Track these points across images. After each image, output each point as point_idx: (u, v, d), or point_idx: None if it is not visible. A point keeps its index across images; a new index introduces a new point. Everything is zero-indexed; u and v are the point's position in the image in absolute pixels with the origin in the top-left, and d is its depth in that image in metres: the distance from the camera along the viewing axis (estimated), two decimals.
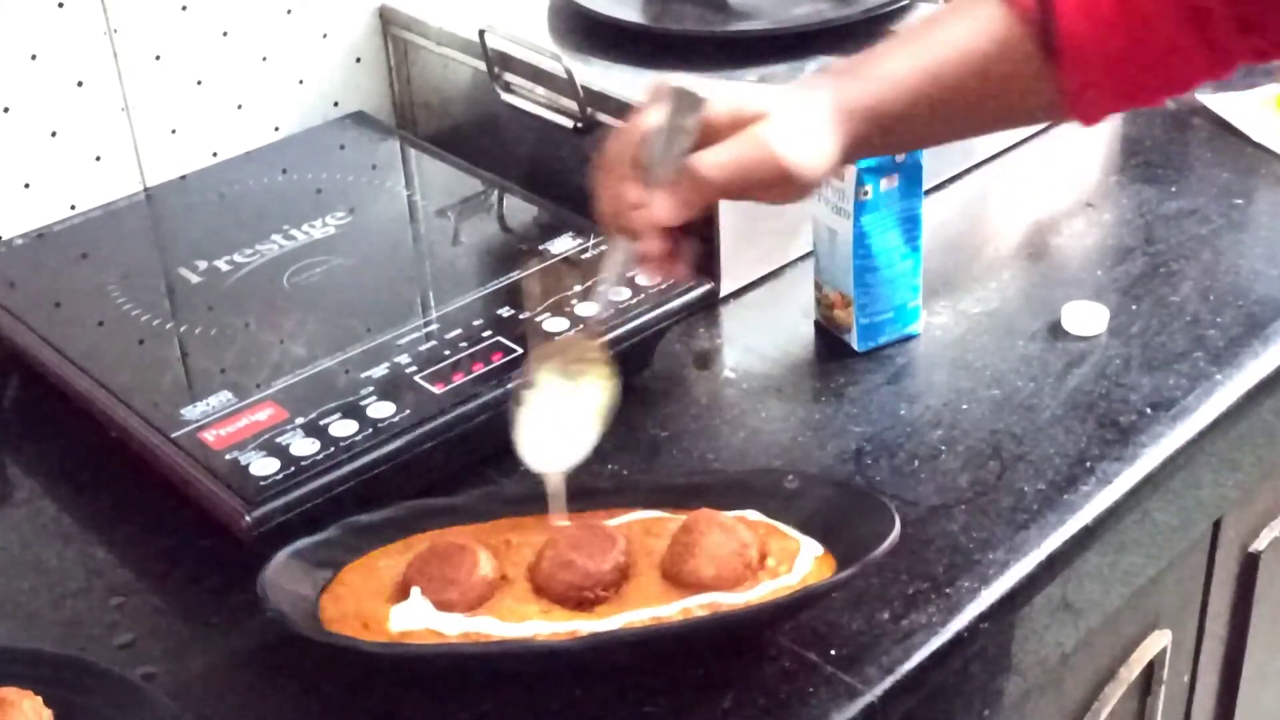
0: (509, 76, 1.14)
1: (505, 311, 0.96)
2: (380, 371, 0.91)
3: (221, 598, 0.84)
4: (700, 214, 0.78)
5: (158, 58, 1.15)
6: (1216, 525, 1.11)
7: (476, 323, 0.95)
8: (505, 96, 1.14)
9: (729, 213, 1.06)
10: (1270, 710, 1.34)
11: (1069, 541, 0.87)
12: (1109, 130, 1.30)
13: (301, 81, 1.23)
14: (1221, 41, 0.79)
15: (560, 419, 0.81)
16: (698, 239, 1.07)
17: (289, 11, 1.20)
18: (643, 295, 0.97)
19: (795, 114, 0.78)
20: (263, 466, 0.84)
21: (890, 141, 0.84)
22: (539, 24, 1.18)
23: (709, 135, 0.77)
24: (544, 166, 1.14)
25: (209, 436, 0.86)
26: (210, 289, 1.02)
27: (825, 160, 0.79)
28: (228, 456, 0.85)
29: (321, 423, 0.87)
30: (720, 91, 0.78)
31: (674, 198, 0.77)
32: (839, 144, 0.79)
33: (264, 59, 1.20)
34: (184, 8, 1.15)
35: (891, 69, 0.80)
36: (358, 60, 1.25)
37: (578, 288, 0.98)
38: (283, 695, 0.79)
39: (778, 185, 0.77)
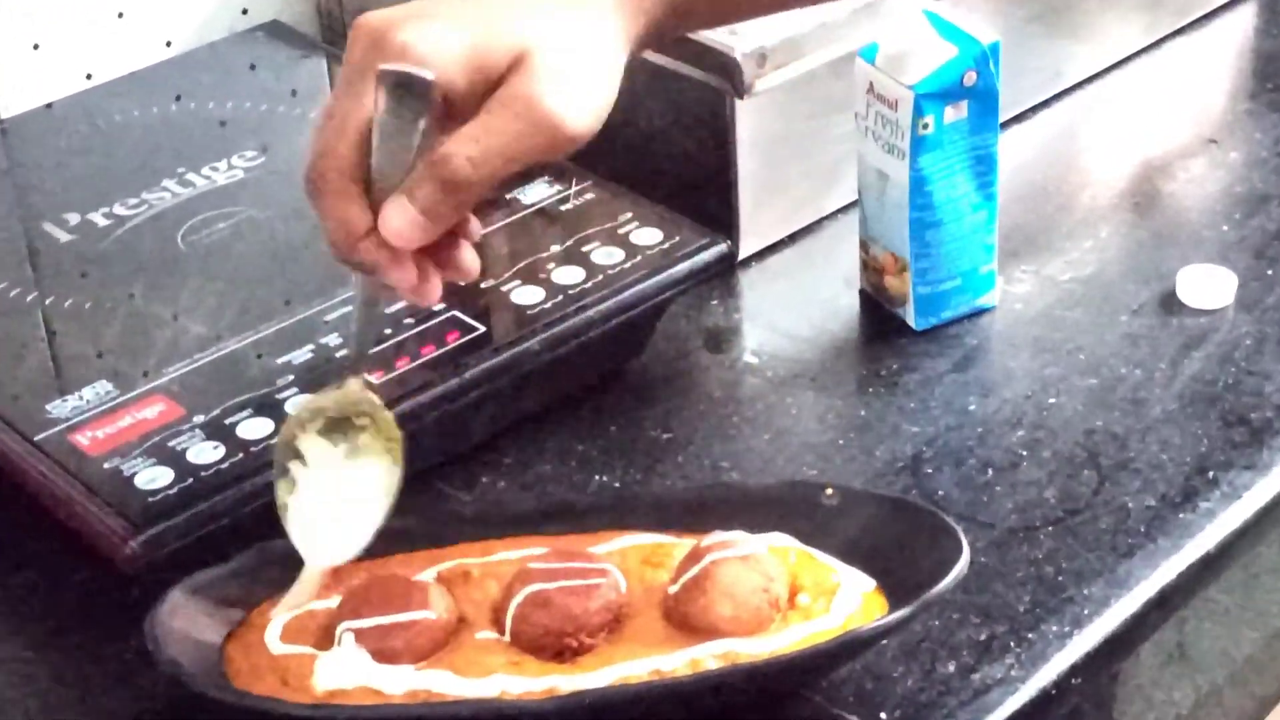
0: None
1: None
2: (302, 356, 0.91)
3: (100, 647, 0.84)
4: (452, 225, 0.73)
5: None
6: None
7: None
8: None
9: (749, 153, 1.07)
10: None
11: (1185, 573, 0.87)
12: (1237, 45, 1.30)
13: None
14: None
15: (337, 501, 0.79)
16: (704, 184, 1.08)
17: None
18: (639, 258, 0.97)
19: (568, 39, 0.73)
20: (152, 477, 0.84)
21: (686, 24, 0.80)
22: None
23: (450, 105, 0.72)
24: None
25: (83, 439, 0.86)
26: (84, 249, 1.02)
27: (612, 95, 0.74)
28: (107, 465, 0.85)
29: (227, 422, 0.87)
30: (449, 35, 0.71)
31: (418, 210, 0.72)
32: (625, 56, 0.75)
33: None
34: None
35: None
36: None
37: (556, 248, 0.98)
38: None
39: (556, 153, 0.73)
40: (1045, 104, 1.24)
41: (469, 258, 0.78)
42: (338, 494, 0.79)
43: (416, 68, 0.71)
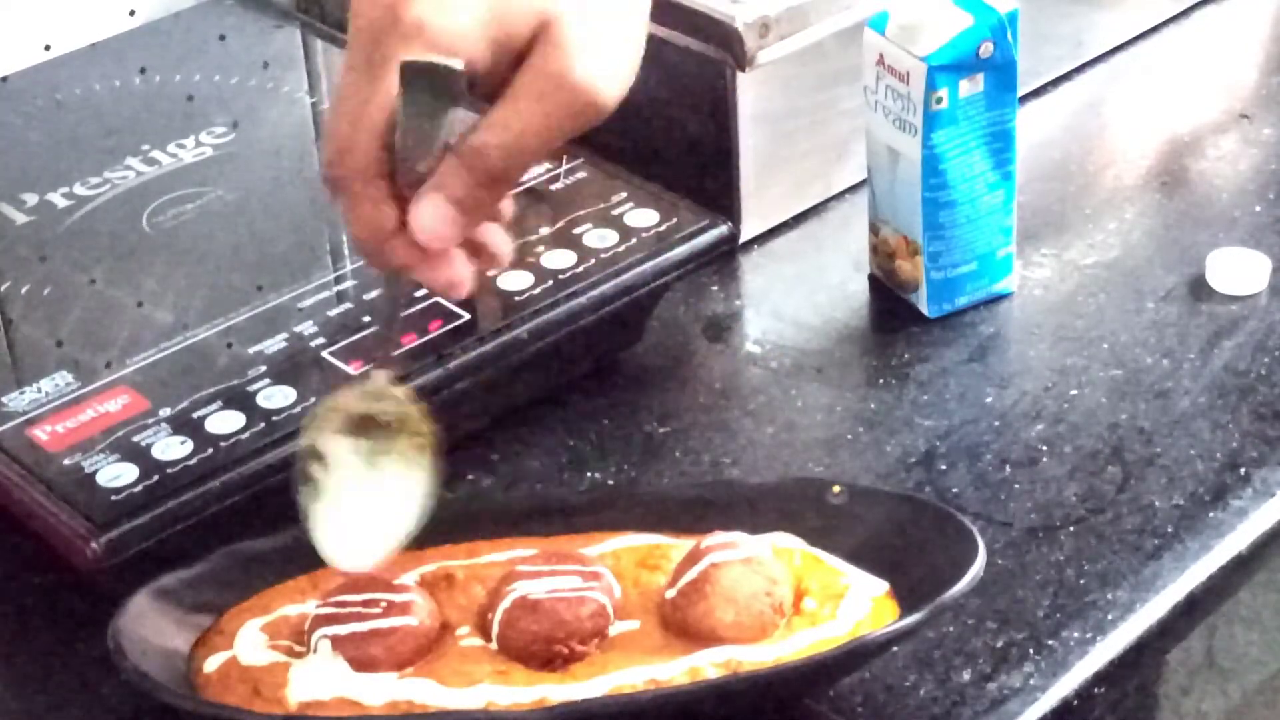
0: None
1: None
2: (276, 345, 0.91)
3: (60, 654, 0.84)
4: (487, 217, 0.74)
5: None
6: None
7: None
8: None
9: (751, 128, 1.06)
10: None
11: (1216, 575, 0.88)
12: (1271, 14, 1.30)
13: None
14: None
15: (366, 505, 0.78)
16: (704, 162, 1.08)
17: None
18: (634, 241, 0.97)
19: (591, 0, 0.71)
20: (115, 475, 0.84)
21: None
22: None
23: (471, 80, 0.71)
24: None
25: (41, 434, 0.86)
26: (42, 232, 1.02)
27: (640, 53, 0.73)
28: (67, 461, 0.85)
29: (195, 415, 0.87)
30: (466, 7, 0.69)
31: (452, 207, 0.71)
32: (648, 5, 0.74)
33: None
34: None
35: None
36: None
37: (545, 230, 0.98)
38: None
39: (590, 125, 0.72)
40: (1067, 76, 1.24)
41: (501, 242, 0.77)
42: (365, 497, 0.79)
43: (443, 58, 0.69)
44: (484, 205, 0.73)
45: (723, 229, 0.99)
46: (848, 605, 0.79)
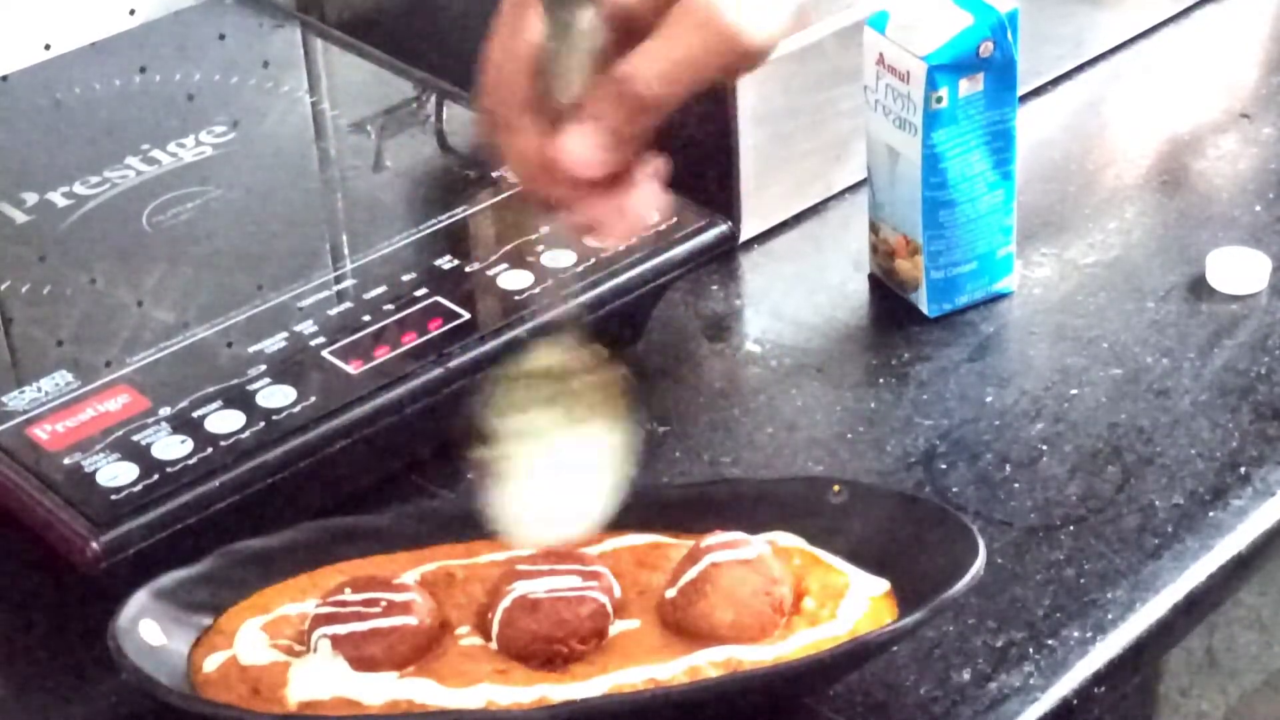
0: None
1: (446, 262, 0.96)
2: (276, 344, 0.91)
3: (60, 653, 0.84)
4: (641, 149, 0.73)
5: None
6: None
7: (407, 277, 0.95)
8: None
9: (751, 128, 1.06)
10: None
11: (1215, 575, 0.88)
12: (1272, 13, 1.30)
13: None
14: None
15: (572, 476, 0.77)
16: (704, 161, 1.08)
17: None
18: (634, 240, 0.96)
19: None
20: (115, 474, 0.84)
21: None
22: None
23: (626, 22, 0.71)
24: None
25: (41, 433, 0.86)
26: (42, 231, 1.02)
27: (790, 9, 0.73)
28: (67, 460, 0.85)
29: (195, 414, 0.87)
30: None
31: (601, 134, 0.72)
32: None
33: None
34: None
35: None
36: None
37: (545, 229, 0.98)
38: None
39: (735, 71, 0.73)
40: (1067, 76, 1.24)
41: (647, 205, 0.76)
42: (557, 468, 0.77)
43: None
44: (632, 135, 0.72)
45: (722, 228, 0.99)
46: (847, 605, 0.79)
